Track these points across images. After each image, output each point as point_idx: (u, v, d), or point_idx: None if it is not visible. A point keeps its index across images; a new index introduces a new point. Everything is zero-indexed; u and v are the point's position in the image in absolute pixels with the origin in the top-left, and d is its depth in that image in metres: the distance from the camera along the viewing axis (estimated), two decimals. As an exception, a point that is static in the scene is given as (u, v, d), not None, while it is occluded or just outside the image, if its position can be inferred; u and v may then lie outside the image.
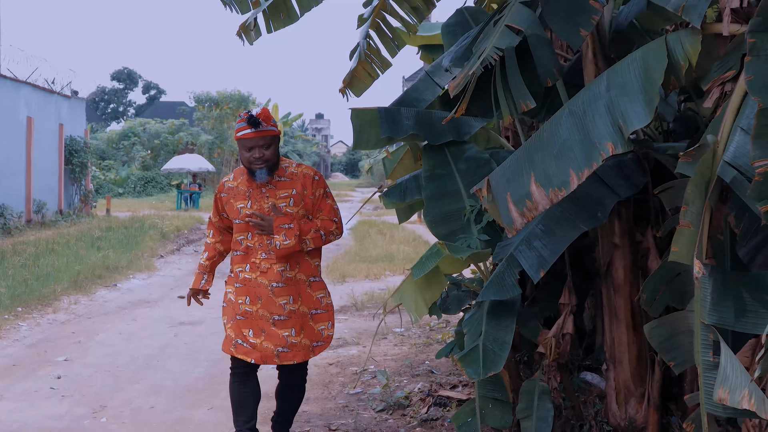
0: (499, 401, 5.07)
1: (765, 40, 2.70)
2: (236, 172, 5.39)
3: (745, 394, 2.89)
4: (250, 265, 5.21)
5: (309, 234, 5.13)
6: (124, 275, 15.32)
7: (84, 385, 7.79)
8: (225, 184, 5.38)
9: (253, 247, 5.20)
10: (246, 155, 5.08)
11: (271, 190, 5.17)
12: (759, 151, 2.64)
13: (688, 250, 3.25)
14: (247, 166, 5.14)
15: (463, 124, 5.55)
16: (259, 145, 5.04)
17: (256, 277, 5.18)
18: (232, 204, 5.28)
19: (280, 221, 5.07)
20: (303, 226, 5.11)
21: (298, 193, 5.18)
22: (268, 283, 5.15)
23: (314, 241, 5.18)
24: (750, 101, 3.15)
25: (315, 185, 5.24)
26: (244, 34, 6.61)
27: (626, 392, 4.96)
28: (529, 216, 3.69)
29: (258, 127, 5.02)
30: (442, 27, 6.32)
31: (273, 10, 6.44)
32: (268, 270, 5.15)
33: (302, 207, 5.18)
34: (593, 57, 4.84)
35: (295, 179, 5.21)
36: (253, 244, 5.20)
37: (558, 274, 5.20)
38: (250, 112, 5.05)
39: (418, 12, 6.72)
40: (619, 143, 3.41)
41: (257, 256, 5.18)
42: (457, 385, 7.27)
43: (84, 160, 28.87)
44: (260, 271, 5.17)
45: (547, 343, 5.08)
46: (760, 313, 3.14)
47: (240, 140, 5.09)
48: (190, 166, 39.44)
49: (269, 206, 5.14)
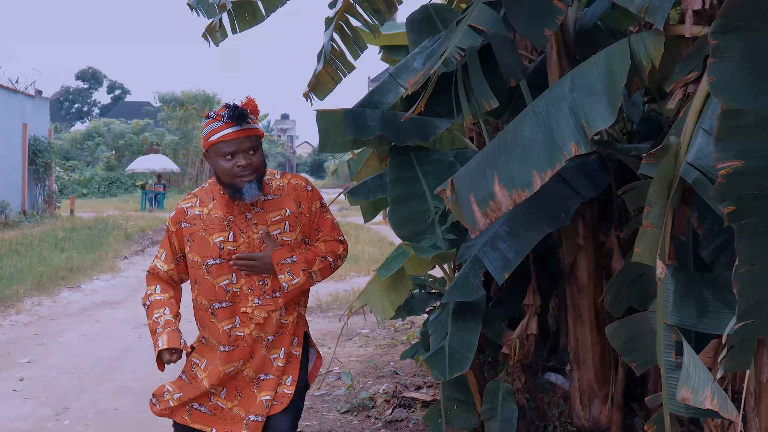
0: (464, 402, 5.07)
1: (727, 42, 2.71)
2: (201, 193, 4.01)
3: (708, 393, 2.89)
4: (241, 318, 3.89)
5: (315, 265, 3.97)
6: (87, 276, 15.22)
7: (48, 386, 7.75)
8: (187, 211, 3.95)
9: (241, 293, 3.89)
10: (226, 165, 3.73)
11: (258, 214, 3.89)
12: (721, 153, 2.64)
13: (650, 250, 3.26)
14: (227, 182, 3.77)
15: (428, 125, 5.55)
16: (245, 149, 3.74)
17: (251, 332, 3.89)
18: (203, 239, 3.87)
19: (280, 256, 3.85)
20: (307, 255, 3.95)
21: (293, 213, 3.94)
22: (265, 336, 3.91)
23: (322, 272, 4.03)
24: (712, 103, 3.16)
25: (310, 199, 4.03)
26: (209, 35, 6.58)
27: (590, 393, 4.98)
28: (492, 217, 3.69)
29: (244, 124, 3.75)
30: (407, 19, 6.29)
31: (238, 11, 6.41)
32: (266, 320, 3.90)
33: (300, 231, 3.97)
34: (557, 58, 4.84)
35: (284, 195, 3.95)
36: (241, 288, 3.88)
37: (522, 275, 5.20)
38: (229, 105, 3.76)
39: (380, 14, 6.71)
40: (582, 144, 3.41)
41: (248, 303, 3.88)
42: (421, 387, 7.27)
43: (48, 160, 28.65)
44: (255, 323, 3.88)
45: (512, 344, 5.09)
46: (722, 313, 3.15)
47: (216, 145, 3.74)
48: (154, 167, 39.24)
49: (261, 236, 3.86)
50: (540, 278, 5.23)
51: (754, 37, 2.70)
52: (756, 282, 2.70)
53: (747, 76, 2.67)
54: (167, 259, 4.05)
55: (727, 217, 2.67)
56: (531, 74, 5.28)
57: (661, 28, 3.41)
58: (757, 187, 2.65)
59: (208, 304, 3.93)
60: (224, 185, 3.82)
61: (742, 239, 2.68)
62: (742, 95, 2.66)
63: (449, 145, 6.46)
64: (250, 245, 3.87)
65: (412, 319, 10.22)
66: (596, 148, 3.55)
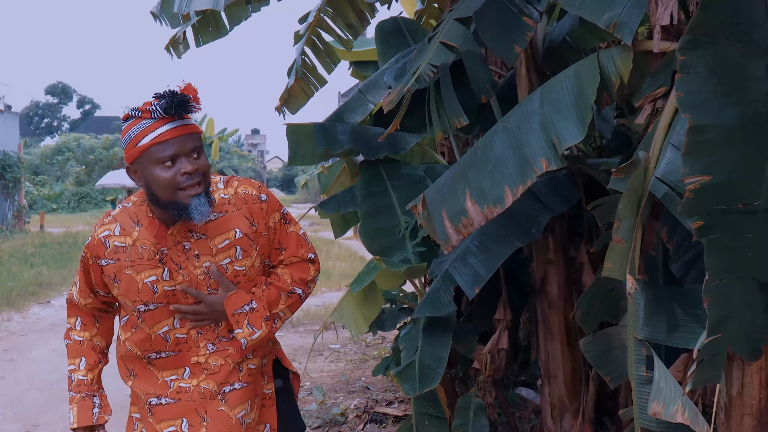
0: (435, 417, 5.06)
1: (695, 58, 2.73)
2: (121, 216, 2.98)
3: (679, 407, 2.90)
4: (191, 369, 2.99)
5: (280, 303, 3.11)
6: (57, 292, 15.09)
7: (17, 402, 7.69)
8: (105, 242, 2.94)
9: (189, 339, 2.99)
10: (165, 175, 2.75)
11: (200, 242, 2.92)
12: (689, 168, 2.66)
13: (620, 265, 3.27)
14: (167, 198, 2.79)
15: (398, 140, 5.56)
16: (188, 152, 2.78)
17: (199, 384, 2.98)
18: (130, 279, 2.91)
19: (234, 303, 2.94)
20: (269, 295, 3.07)
21: (245, 234, 2.97)
22: (218, 388, 2.98)
23: (291, 308, 3.17)
24: (681, 118, 3.18)
25: (266, 211, 3.05)
26: (172, 47, 6.58)
27: (561, 407, 4.98)
28: (464, 232, 3.69)
29: (183, 117, 2.83)
30: (376, 26, 6.28)
31: (202, 24, 6.41)
32: (221, 368, 2.99)
33: (257, 255, 3.03)
34: (527, 73, 4.87)
35: (232, 211, 2.96)
36: (188, 333, 2.98)
37: (493, 290, 5.21)
38: (161, 94, 2.81)
39: (353, 28, 6.74)
40: (552, 159, 3.42)
41: (200, 351, 3.00)
42: (393, 402, 7.26)
43: (17, 175, 28.44)
44: (207, 372, 2.99)
45: (483, 358, 5.09)
46: (692, 327, 3.16)
47: (149, 150, 2.77)
48: (125, 182, 38.98)
49: (209, 272, 2.93)
50: (511, 293, 5.24)
51: (720, 52, 2.72)
52: (725, 296, 2.72)
53: (713, 91, 2.70)
54: (82, 291, 3.15)
55: (696, 231, 2.68)
56: (501, 89, 5.30)
57: (629, 44, 3.43)
58: (725, 202, 2.67)
59: (142, 354, 3.03)
60: (161, 203, 2.82)
61: (711, 254, 2.69)
62: (709, 110, 2.68)
63: (419, 159, 6.48)
64: (192, 284, 2.93)
65: (383, 335, 10.21)
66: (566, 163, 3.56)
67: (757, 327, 2.79)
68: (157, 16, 6.44)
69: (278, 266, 3.18)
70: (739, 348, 2.86)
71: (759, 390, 3.17)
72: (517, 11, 4.29)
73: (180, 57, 6.64)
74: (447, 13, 4.76)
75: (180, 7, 5.72)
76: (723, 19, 2.74)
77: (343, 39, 6.82)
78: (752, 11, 2.74)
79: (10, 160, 27.96)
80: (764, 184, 2.64)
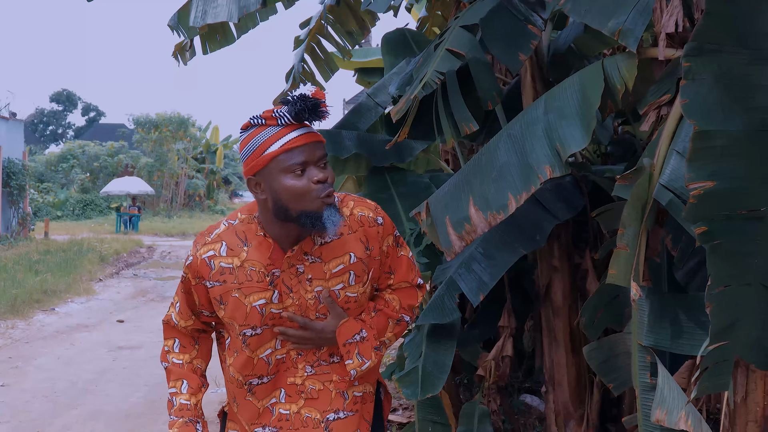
0: (440, 424, 5.06)
1: (700, 65, 2.73)
2: (227, 235, 2.81)
3: (683, 415, 2.90)
4: (287, 390, 2.84)
5: (388, 331, 2.95)
6: (62, 299, 15.09)
7: (21, 410, 7.68)
8: (211, 263, 2.78)
9: (288, 360, 2.83)
10: (298, 184, 2.57)
11: (314, 266, 2.76)
12: (694, 174, 2.66)
13: (625, 272, 3.27)
14: (300, 208, 2.59)
15: (404, 147, 5.57)
16: (317, 160, 2.63)
17: (299, 410, 2.84)
18: (237, 302, 2.74)
19: (346, 332, 2.81)
20: (378, 324, 2.91)
21: (360, 258, 2.81)
22: (321, 416, 2.83)
23: (397, 335, 3.00)
24: (685, 124, 3.19)
25: (382, 235, 2.88)
26: (179, 54, 6.60)
27: (565, 414, 4.98)
28: (467, 239, 3.70)
29: (314, 123, 2.69)
30: (382, 38, 6.32)
31: (209, 32, 6.43)
32: (319, 393, 2.84)
33: (368, 281, 2.86)
34: (532, 81, 4.87)
35: (347, 233, 2.80)
36: (286, 353, 2.82)
37: (497, 297, 5.21)
38: (289, 100, 2.62)
39: (353, 36, 6.76)
40: (557, 166, 3.43)
41: (297, 373, 2.84)
42: (397, 409, 7.25)
43: (22, 182, 28.43)
44: (305, 397, 2.84)
45: (487, 365, 5.09)
46: (697, 334, 3.16)
47: (278, 158, 2.59)
48: (129, 189, 39.13)
49: (317, 297, 2.77)
50: (515, 300, 5.24)
51: (725, 59, 2.73)
52: (731, 303, 2.72)
53: (719, 98, 2.70)
54: (183, 313, 2.98)
55: (700, 238, 2.69)
56: (505, 97, 5.31)
57: (634, 51, 3.44)
58: (729, 208, 2.67)
59: (244, 380, 2.85)
60: (291, 215, 2.62)
61: (715, 260, 2.69)
62: (714, 117, 2.68)
63: (424, 167, 6.49)
64: (301, 308, 2.77)
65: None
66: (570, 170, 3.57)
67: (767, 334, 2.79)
68: (175, 29, 6.47)
69: (386, 290, 3.00)
70: (750, 356, 2.86)
71: (763, 397, 3.16)
72: (522, 19, 4.30)
73: (186, 63, 6.67)
74: (453, 21, 4.77)
75: (195, 20, 5.74)
76: (728, 26, 2.74)
77: (341, 46, 6.84)
78: (757, 19, 2.75)
79: (14, 168, 27.97)
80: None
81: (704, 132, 2.66)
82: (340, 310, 2.79)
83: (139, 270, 20.80)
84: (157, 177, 47.40)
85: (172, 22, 6.43)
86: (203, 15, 5.76)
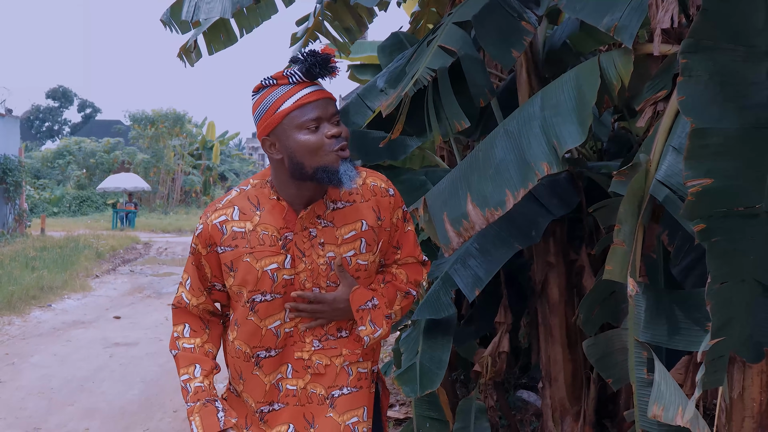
0: (437, 420, 5.06)
1: (696, 61, 2.73)
2: (240, 200, 2.81)
3: (679, 410, 2.91)
4: (293, 366, 2.82)
5: (396, 303, 2.97)
6: (58, 296, 15.08)
7: (17, 407, 7.67)
8: (222, 228, 2.77)
9: (295, 333, 2.82)
10: (312, 139, 2.59)
11: (326, 230, 2.78)
12: (691, 171, 2.66)
13: (621, 268, 3.27)
14: (316, 164, 2.61)
15: (398, 144, 5.56)
16: (330, 116, 2.63)
17: (305, 386, 2.83)
18: (248, 267, 2.73)
19: (360, 299, 2.82)
20: (388, 293, 2.95)
21: (371, 226, 2.84)
22: (326, 393, 2.83)
23: (403, 310, 3.02)
24: (681, 121, 3.19)
25: (393, 206, 2.93)
26: (185, 56, 6.60)
27: (562, 410, 4.98)
28: (465, 236, 3.70)
29: (325, 79, 2.70)
30: (378, 49, 6.33)
31: (213, 32, 6.43)
32: (326, 369, 2.83)
33: (378, 251, 2.89)
34: (527, 77, 4.87)
35: (360, 201, 2.85)
36: (294, 327, 2.81)
37: (493, 293, 5.21)
38: (300, 57, 2.66)
39: (351, 33, 6.75)
40: (553, 163, 3.43)
41: (304, 347, 2.82)
42: (394, 405, 7.25)
43: (18, 179, 28.41)
44: (312, 372, 2.83)
45: (484, 361, 5.09)
46: (693, 330, 3.17)
47: (291, 114, 2.60)
48: (125, 185, 39.06)
49: (328, 262, 2.78)
50: (511, 296, 5.24)
51: (722, 56, 2.73)
52: (727, 300, 2.72)
53: (715, 95, 2.70)
54: (194, 289, 2.90)
55: (698, 235, 2.69)
56: (501, 93, 5.30)
57: (630, 47, 3.44)
58: (727, 205, 2.67)
59: (251, 352, 2.82)
60: (306, 171, 2.63)
61: (713, 257, 2.70)
62: (711, 114, 2.68)
63: (419, 163, 6.48)
64: (313, 274, 2.76)
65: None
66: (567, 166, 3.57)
67: (760, 330, 2.80)
68: (167, 24, 6.47)
69: (392, 265, 3.04)
70: (742, 351, 2.86)
71: (760, 392, 3.17)
72: (516, 15, 4.30)
73: (193, 65, 6.67)
74: (446, 17, 4.76)
75: (188, 15, 5.74)
76: (724, 23, 2.74)
77: (340, 43, 6.83)
78: (753, 15, 2.75)
79: (11, 164, 27.94)
80: (766, 188, 2.65)
81: (701, 129, 2.66)
82: (352, 279, 2.80)
83: (135, 266, 20.79)
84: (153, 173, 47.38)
85: (165, 17, 6.43)
86: (196, 10, 5.75)
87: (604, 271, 3.33)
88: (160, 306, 13.91)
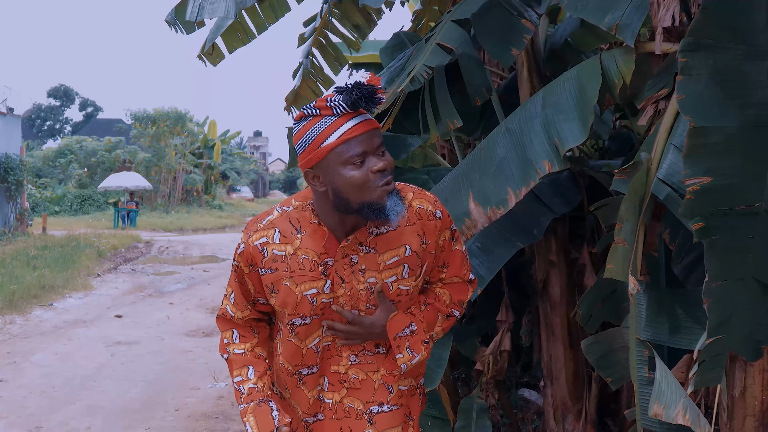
0: (438, 419, 5.06)
1: (696, 60, 2.73)
2: (281, 222, 2.72)
3: (680, 409, 2.91)
4: (329, 379, 2.78)
5: (437, 325, 2.87)
6: (60, 294, 15.07)
7: (19, 406, 7.67)
8: (263, 250, 2.69)
9: (332, 347, 2.77)
10: (358, 175, 2.46)
11: (368, 257, 2.67)
12: (690, 170, 2.67)
13: (622, 266, 3.27)
14: (361, 199, 2.49)
15: (400, 143, 5.55)
16: (375, 148, 2.50)
17: (341, 399, 2.79)
18: (288, 290, 2.67)
19: (397, 326, 2.73)
20: (428, 317, 2.84)
21: (414, 251, 2.70)
22: (364, 408, 2.78)
23: (445, 330, 2.93)
24: (682, 119, 3.19)
25: (439, 229, 2.76)
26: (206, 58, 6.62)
27: (563, 408, 4.98)
28: (468, 234, 3.70)
29: (371, 111, 2.55)
30: (380, 51, 6.34)
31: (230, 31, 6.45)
32: (362, 384, 2.78)
33: (421, 276, 2.76)
34: (528, 75, 4.87)
35: (404, 226, 2.69)
36: (331, 342, 2.76)
37: (495, 292, 5.21)
38: (344, 88, 2.50)
39: (360, 29, 6.77)
40: (555, 161, 3.43)
41: (341, 361, 2.78)
42: (395, 403, 7.24)
43: (19, 177, 28.40)
44: (348, 387, 2.78)
45: (485, 360, 5.09)
46: (694, 329, 3.17)
47: (336, 150, 2.47)
48: (127, 184, 39.05)
49: (369, 288, 2.69)
50: (513, 294, 5.24)
51: (721, 55, 2.73)
52: (726, 298, 2.72)
53: (715, 94, 2.70)
54: (239, 303, 2.87)
55: (697, 233, 2.69)
56: (503, 91, 5.30)
57: (631, 45, 3.44)
58: (726, 204, 2.67)
59: (294, 370, 2.81)
60: (352, 207, 2.53)
61: (712, 255, 2.70)
62: (710, 113, 2.69)
63: (421, 162, 6.48)
64: (352, 299, 2.69)
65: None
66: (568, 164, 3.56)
67: (759, 328, 2.80)
68: (172, 24, 6.48)
69: (437, 284, 2.91)
70: (741, 349, 2.87)
71: (761, 391, 3.17)
72: (516, 14, 4.30)
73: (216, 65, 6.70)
74: (446, 15, 4.76)
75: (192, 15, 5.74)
76: (724, 21, 2.74)
77: (351, 40, 6.85)
78: (753, 15, 2.75)
79: (12, 163, 27.93)
80: (765, 187, 2.65)
81: (700, 128, 2.67)
82: (390, 304, 2.72)
83: (136, 265, 20.79)
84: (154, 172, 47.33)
85: (170, 17, 6.44)
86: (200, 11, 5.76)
87: (606, 270, 3.34)
88: (162, 305, 13.91)
